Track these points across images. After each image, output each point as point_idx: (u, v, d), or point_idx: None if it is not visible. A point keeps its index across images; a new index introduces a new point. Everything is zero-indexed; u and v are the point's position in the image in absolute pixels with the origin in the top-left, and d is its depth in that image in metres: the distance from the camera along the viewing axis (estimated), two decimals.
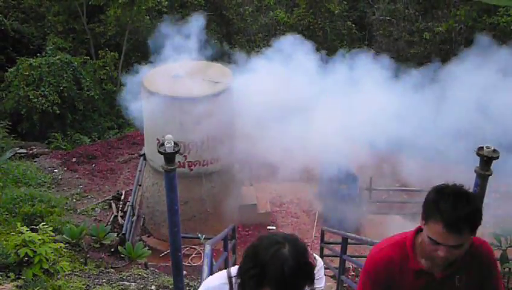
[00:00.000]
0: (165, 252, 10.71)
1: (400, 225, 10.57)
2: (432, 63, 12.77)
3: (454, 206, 2.32)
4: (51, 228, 6.74)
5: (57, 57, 19.20)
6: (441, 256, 2.41)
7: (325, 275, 3.89)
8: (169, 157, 3.95)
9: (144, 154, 12.60)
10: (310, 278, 2.24)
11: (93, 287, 6.95)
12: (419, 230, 2.61)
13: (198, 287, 4.02)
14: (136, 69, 12.68)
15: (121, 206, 12.48)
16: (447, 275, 2.62)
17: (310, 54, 11.26)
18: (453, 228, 2.31)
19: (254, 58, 11.70)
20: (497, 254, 6.81)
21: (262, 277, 2.13)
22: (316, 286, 2.66)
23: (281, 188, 13.43)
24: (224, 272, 2.59)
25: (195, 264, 10.58)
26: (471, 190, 2.44)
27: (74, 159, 15.12)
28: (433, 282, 2.65)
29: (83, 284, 6.80)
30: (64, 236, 8.75)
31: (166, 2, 21.38)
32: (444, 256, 2.41)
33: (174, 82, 11.03)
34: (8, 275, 6.03)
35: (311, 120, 10.46)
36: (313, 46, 11.56)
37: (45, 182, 13.18)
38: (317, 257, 3.60)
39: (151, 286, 7.51)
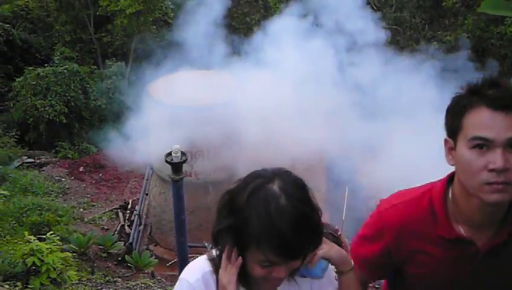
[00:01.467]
0: (172, 261, 10.69)
1: None
2: None
3: (497, 85, 1.58)
4: (58, 237, 6.75)
5: (64, 67, 19.30)
6: (498, 166, 1.51)
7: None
8: (176, 167, 3.96)
9: None
10: (317, 231, 1.54)
11: None
12: (450, 178, 1.78)
13: None
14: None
15: (127, 215, 12.49)
16: (496, 249, 1.73)
17: None
18: (503, 101, 1.53)
19: None
20: None
21: (240, 231, 1.48)
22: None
23: None
24: (203, 260, 1.78)
25: None
26: None
27: (81, 168, 15.17)
28: (473, 257, 1.76)
29: None
30: (72, 245, 8.76)
31: (172, 14, 21.50)
32: (502, 165, 1.51)
33: (181, 91, 11.06)
34: (16, 284, 6.04)
35: None
36: None
37: (52, 191, 13.21)
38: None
39: None
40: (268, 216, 1.42)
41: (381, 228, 1.88)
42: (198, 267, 1.74)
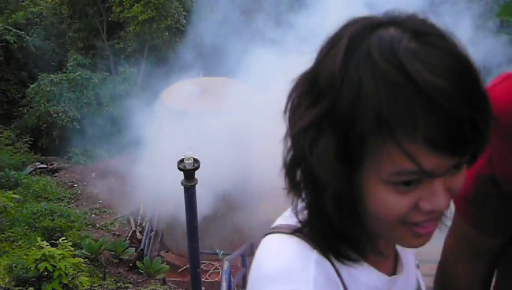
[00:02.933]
0: (183, 268, 10.69)
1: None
2: None
3: None
4: (70, 243, 6.79)
5: (78, 73, 19.44)
6: None
7: None
8: (189, 174, 3.96)
9: None
10: (484, 91, 0.79)
11: None
12: None
13: None
14: None
15: (139, 221, 12.51)
16: None
17: None
18: None
19: None
20: None
21: (345, 120, 0.78)
22: None
23: None
24: (290, 248, 0.91)
25: (212, 280, 10.55)
26: None
27: (93, 174, 15.22)
28: None
29: None
30: (84, 251, 8.80)
31: (184, 21, 21.59)
32: None
33: (193, 97, 11.09)
34: (28, 289, 6.07)
35: None
36: None
37: (65, 197, 13.27)
38: None
39: None
40: (402, 70, 0.74)
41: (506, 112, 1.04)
42: (298, 269, 0.88)
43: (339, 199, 0.83)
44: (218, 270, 10.76)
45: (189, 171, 3.94)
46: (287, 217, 0.99)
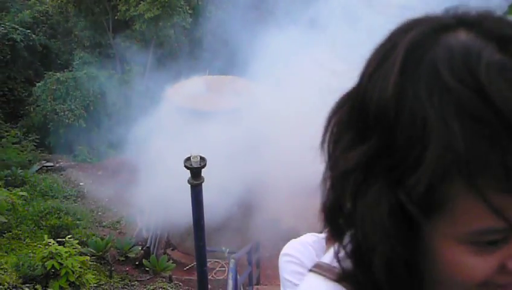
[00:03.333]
0: (190, 266, 10.71)
1: None
2: None
3: None
4: (77, 241, 6.82)
5: (84, 72, 19.50)
6: None
7: None
8: (195, 172, 3.96)
9: None
10: None
11: None
12: None
13: None
14: None
15: (145, 219, 12.52)
16: None
17: None
18: None
19: None
20: None
21: (408, 163, 0.57)
22: None
23: (305, 201, 13.25)
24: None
25: (219, 278, 10.56)
26: None
27: (100, 172, 15.26)
28: None
29: None
30: (90, 249, 8.83)
31: (190, 19, 21.59)
32: None
33: (199, 96, 11.09)
34: (35, 287, 6.09)
35: None
36: None
37: (71, 195, 13.32)
38: None
39: None
40: (486, 96, 0.55)
41: None
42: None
43: (391, 262, 0.64)
44: (224, 268, 10.77)
45: (195, 170, 3.94)
46: (333, 256, 0.78)
